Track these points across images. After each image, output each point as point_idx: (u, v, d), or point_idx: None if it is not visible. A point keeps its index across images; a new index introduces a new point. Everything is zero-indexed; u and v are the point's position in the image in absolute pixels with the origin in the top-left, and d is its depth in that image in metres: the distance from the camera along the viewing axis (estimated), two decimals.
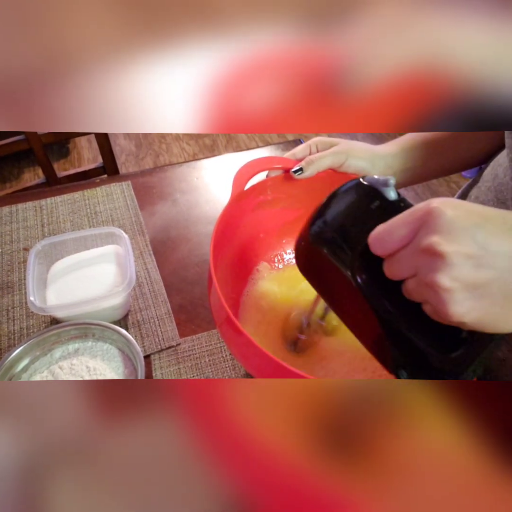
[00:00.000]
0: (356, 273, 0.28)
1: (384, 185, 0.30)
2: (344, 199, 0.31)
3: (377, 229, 0.27)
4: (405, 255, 0.25)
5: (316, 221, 0.31)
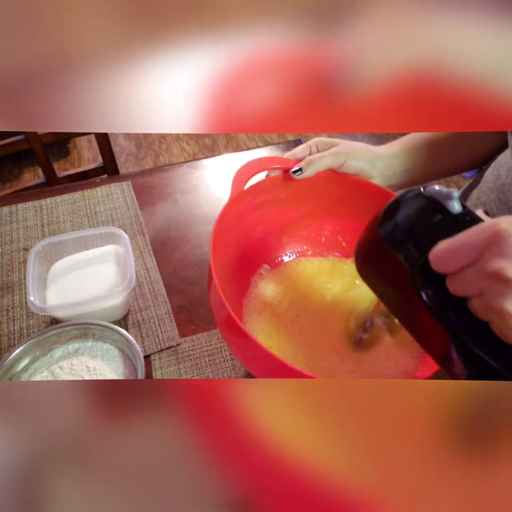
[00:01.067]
0: (421, 286, 0.28)
1: (447, 197, 0.28)
2: (406, 209, 0.30)
3: (439, 246, 0.26)
4: (469, 275, 0.25)
5: (383, 223, 0.31)
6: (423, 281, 0.28)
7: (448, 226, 0.27)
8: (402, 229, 0.30)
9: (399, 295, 0.31)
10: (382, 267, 0.32)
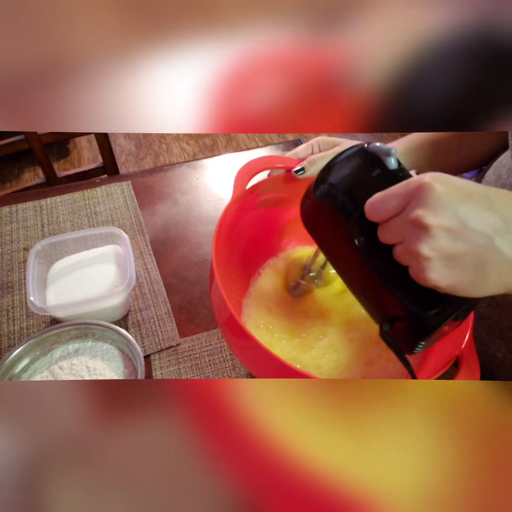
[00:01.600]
0: (355, 234, 0.31)
1: (386, 154, 0.31)
2: (347, 164, 0.32)
3: (373, 197, 0.29)
4: (395, 223, 0.28)
5: (321, 180, 0.33)
6: (358, 230, 0.31)
7: (385, 180, 0.30)
8: (340, 183, 0.32)
9: (337, 244, 0.34)
10: (322, 220, 0.35)
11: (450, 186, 0.26)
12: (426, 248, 0.26)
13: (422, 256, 0.26)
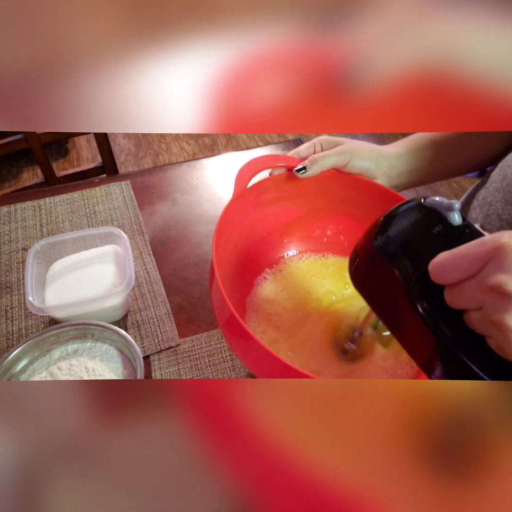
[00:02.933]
0: (416, 298, 0.27)
1: (448, 209, 0.28)
2: (405, 219, 0.30)
3: (440, 257, 0.26)
4: (469, 288, 0.25)
5: (379, 234, 0.30)
6: (419, 293, 0.27)
7: (447, 238, 0.27)
8: (399, 240, 0.29)
9: (393, 306, 0.31)
10: (376, 278, 0.32)
11: None
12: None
13: (508, 329, 0.23)
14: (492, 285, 0.23)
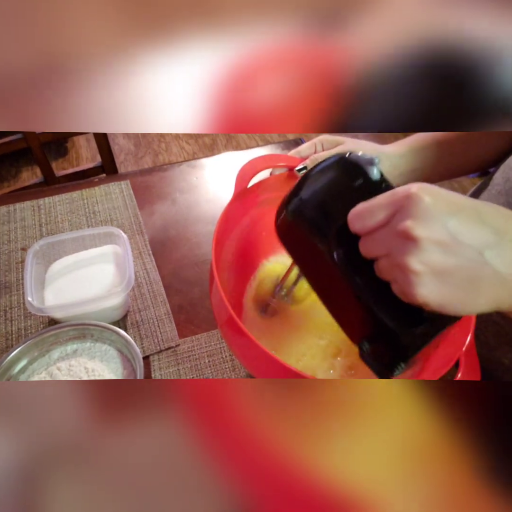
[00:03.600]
0: (333, 248, 0.29)
1: (368, 163, 0.30)
2: (327, 174, 0.31)
3: (357, 207, 0.28)
4: (380, 235, 0.26)
5: (295, 195, 0.32)
6: (337, 243, 0.29)
7: (367, 191, 0.29)
8: (320, 190, 0.31)
9: (314, 259, 0.32)
10: (299, 232, 0.33)
11: (439, 198, 0.25)
12: (415, 261, 0.24)
13: (410, 270, 0.24)
14: (399, 230, 0.25)
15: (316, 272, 0.33)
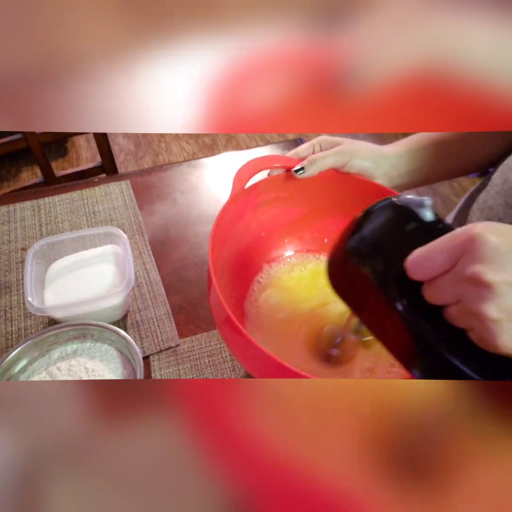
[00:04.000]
0: (395, 297, 0.27)
1: (419, 205, 0.28)
2: (378, 219, 0.30)
3: (415, 253, 0.26)
4: (446, 282, 0.25)
5: (353, 236, 0.30)
6: (397, 291, 0.27)
7: (421, 234, 0.27)
8: (372, 239, 0.29)
9: (372, 307, 0.31)
10: (353, 280, 0.31)
11: (505, 236, 0.23)
12: (493, 308, 0.22)
13: (489, 319, 0.23)
14: (469, 276, 0.23)
15: (376, 318, 0.31)
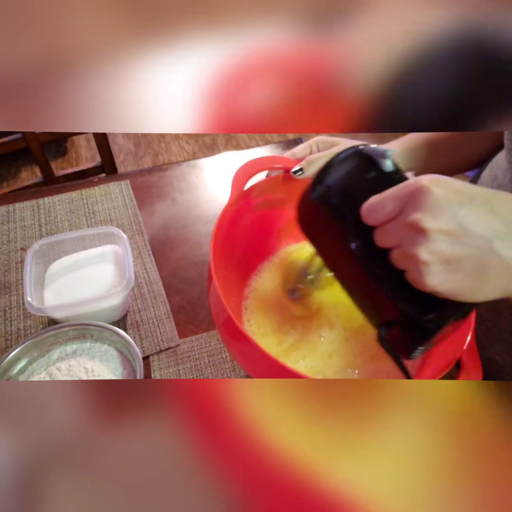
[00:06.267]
0: (352, 238, 0.30)
1: (382, 156, 0.30)
2: (343, 167, 0.32)
3: (370, 200, 0.28)
4: (392, 227, 0.27)
5: (317, 184, 0.32)
6: (353, 234, 0.30)
7: (379, 183, 0.29)
8: (335, 188, 0.32)
9: (332, 248, 0.34)
10: (318, 224, 0.34)
11: (449, 189, 0.25)
12: (425, 252, 0.25)
13: (420, 261, 0.25)
14: (409, 222, 0.26)
15: (336, 259, 0.35)
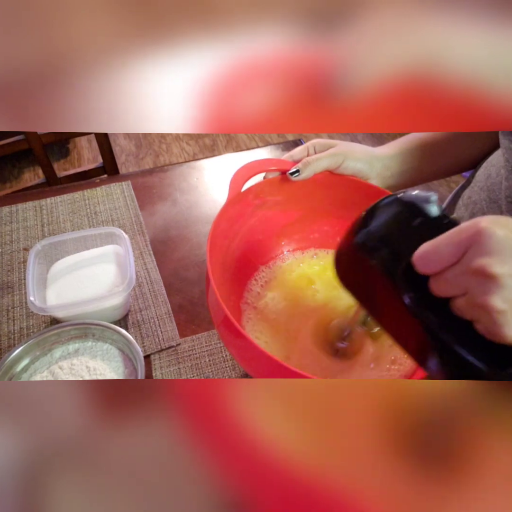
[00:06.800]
0: (403, 290, 0.28)
1: (425, 201, 0.29)
2: (384, 215, 0.30)
3: (422, 247, 0.26)
4: (453, 275, 0.25)
5: (361, 230, 0.31)
6: (405, 285, 0.28)
7: (428, 229, 0.28)
8: (379, 234, 0.30)
9: (380, 301, 0.31)
10: (361, 275, 0.32)
11: (510, 229, 0.23)
12: (499, 300, 0.23)
13: (494, 310, 0.23)
14: (475, 268, 0.24)
15: (384, 311, 0.32)
